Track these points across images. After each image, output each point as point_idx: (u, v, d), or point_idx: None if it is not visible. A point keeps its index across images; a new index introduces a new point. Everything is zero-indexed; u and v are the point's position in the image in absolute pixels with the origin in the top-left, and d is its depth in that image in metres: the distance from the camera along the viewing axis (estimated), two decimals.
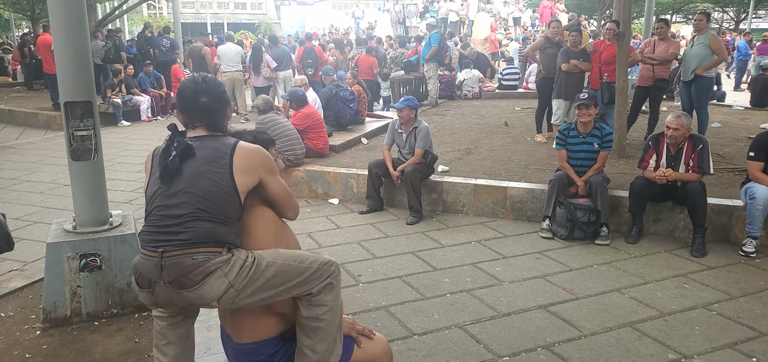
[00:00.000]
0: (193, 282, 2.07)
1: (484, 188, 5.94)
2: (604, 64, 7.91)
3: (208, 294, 2.08)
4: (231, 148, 2.21)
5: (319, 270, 2.23)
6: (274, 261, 2.17)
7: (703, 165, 4.95)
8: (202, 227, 2.09)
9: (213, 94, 2.32)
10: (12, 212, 5.87)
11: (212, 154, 2.19)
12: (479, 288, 4.22)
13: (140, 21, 31.57)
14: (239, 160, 2.20)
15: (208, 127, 2.29)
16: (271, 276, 2.14)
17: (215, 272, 2.07)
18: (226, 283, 2.08)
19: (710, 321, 3.73)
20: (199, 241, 2.08)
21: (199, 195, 2.12)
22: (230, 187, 2.15)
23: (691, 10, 26.24)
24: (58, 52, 3.42)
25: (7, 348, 3.27)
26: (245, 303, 2.16)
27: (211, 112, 2.30)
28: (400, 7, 25.24)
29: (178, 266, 2.06)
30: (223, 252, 2.11)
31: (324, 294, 2.24)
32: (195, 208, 2.11)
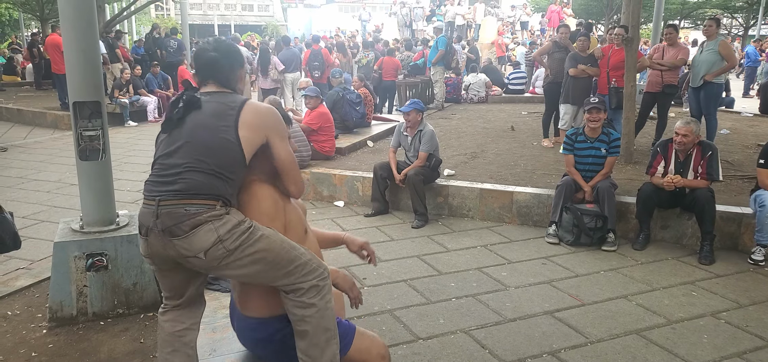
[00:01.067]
0: (183, 231, 2.09)
1: (490, 192, 5.92)
2: (612, 69, 7.88)
3: (196, 244, 2.09)
4: (240, 104, 2.21)
5: (308, 264, 2.22)
6: (269, 236, 2.17)
7: (712, 172, 4.92)
8: (197, 179, 2.12)
9: (222, 50, 2.33)
10: (19, 210, 5.89)
11: (219, 108, 2.21)
12: (485, 293, 4.20)
13: (148, 22, 31.73)
14: (247, 115, 2.20)
15: (218, 83, 2.30)
16: (262, 249, 2.14)
17: (206, 224, 2.08)
18: (216, 237, 2.08)
19: (718, 329, 3.70)
20: (193, 192, 2.11)
21: (198, 147, 2.15)
22: (233, 141, 2.16)
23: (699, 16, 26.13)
24: (68, 52, 3.43)
25: (14, 346, 3.27)
26: (234, 271, 2.16)
27: (219, 67, 2.31)
28: (407, 11, 25.23)
29: (171, 215, 2.10)
30: (217, 207, 2.11)
31: (311, 295, 2.21)
32: (193, 159, 2.14)
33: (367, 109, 9.56)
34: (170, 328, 2.42)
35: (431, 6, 26.14)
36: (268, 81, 12.35)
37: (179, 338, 2.42)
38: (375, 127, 9.81)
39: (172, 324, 2.42)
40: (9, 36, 26.87)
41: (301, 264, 2.20)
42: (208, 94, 2.27)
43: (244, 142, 2.17)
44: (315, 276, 2.23)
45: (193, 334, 2.47)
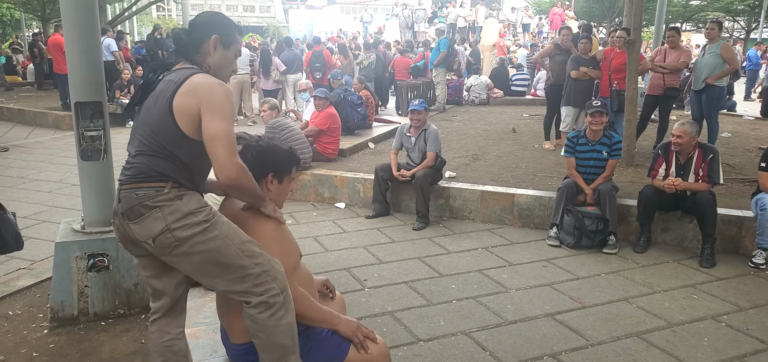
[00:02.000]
0: (135, 215, 2.10)
1: (491, 195, 5.92)
2: (613, 72, 7.88)
3: (145, 230, 2.09)
4: (185, 76, 2.12)
5: (260, 277, 2.12)
6: (225, 236, 2.11)
7: (713, 175, 4.91)
8: (143, 162, 2.13)
9: (192, 23, 2.29)
10: (20, 210, 5.89)
11: (165, 85, 2.16)
12: (486, 295, 4.20)
13: (149, 23, 31.77)
14: (185, 85, 2.10)
15: (186, 59, 2.25)
16: (214, 248, 2.09)
17: (154, 210, 2.08)
18: (164, 225, 2.07)
19: (719, 332, 3.70)
20: (139, 176, 2.12)
21: (143, 129, 2.15)
22: (167, 112, 2.09)
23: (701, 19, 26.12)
24: (69, 52, 3.44)
25: (15, 346, 3.28)
26: (183, 263, 2.14)
27: (184, 42, 2.25)
28: (409, 12, 25.25)
29: (127, 200, 2.13)
30: (166, 188, 2.10)
31: (259, 311, 2.12)
32: (139, 143, 2.16)
33: (368, 111, 9.57)
34: (158, 339, 2.37)
35: (433, 8, 26.18)
36: (269, 82, 12.36)
37: (168, 348, 2.37)
38: (376, 128, 9.82)
39: (160, 334, 2.38)
40: (10, 36, 26.89)
41: (253, 275, 2.11)
42: (171, 72, 2.21)
43: (176, 110, 2.09)
44: (266, 292, 2.12)
45: (181, 343, 2.40)
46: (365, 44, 15.01)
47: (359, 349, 2.27)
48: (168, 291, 2.34)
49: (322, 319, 2.29)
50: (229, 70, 2.33)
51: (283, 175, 2.35)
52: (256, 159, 2.29)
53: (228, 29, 2.29)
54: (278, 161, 2.34)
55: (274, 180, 2.33)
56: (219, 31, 2.25)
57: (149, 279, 2.33)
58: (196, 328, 3.22)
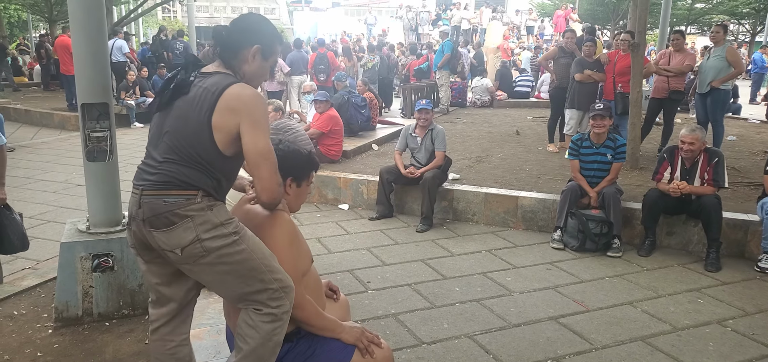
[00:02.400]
0: (163, 224, 2.05)
1: (495, 197, 5.92)
2: (618, 75, 7.86)
3: (173, 239, 2.04)
4: (223, 86, 2.06)
5: (277, 292, 2.12)
6: (250, 249, 2.09)
7: (718, 178, 4.90)
8: (174, 169, 2.07)
9: (236, 25, 2.21)
10: (26, 211, 5.92)
11: (202, 92, 2.08)
12: (489, 298, 4.20)
13: (155, 24, 31.88)
14: (226, 97, 2.04)
15: (223, 62, 2.18)
16: (241, 260, 2.07)
17: (185, 220, 2.03)
18: (194, 235, 2.03)
19: (724, 337, 3.68)
20: (170, 184, 2.06)
21: (176, 136, 2.09)
22: (205, 126, 2.04)
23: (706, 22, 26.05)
24: (77, 54, 3.45)
25: (20, 345, 3.29)
26: (206, 273, 2.10)
27: (225, 44, 2.17)
28: (413, 15, 25.28)
29: (151, 206, 2.06)
30: (197, 197, 2.05)
31: (264, 320, 2.12)
32: (171, 149, 2.09)
33: (372, 113, 9.58)
34: (162, 347, 2.34)
35: (437, 10, 26.20)
36: (274, 83, 12.37)
37: (172, 355, 2.33)
38: (380, 130, 9.83)
39: (163, 342, 2.34)
40: (17, 37, 27.01)
41: (270, 289, 2.11)
42: (205, 74, 2.14)
43: (216, 126, 2.04)
44: (279, 307, 2.13)
45: (186, 349, 2.38)
46: (369, 46, 15.02)
47: (364, 354, 2.27)
48: (177, 298, 2.31)
49: (326, 327, 2.28)
50: (260, 81, 2.29)
51: (302, 179, 2.36)
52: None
53: (271, 39, 2.24)
54: (298, 165, 2.34)
55: (293, 183, 2.33)
56: (262, 41, 2.20)
57: (158, 285, 2.28)
58: (199, 330, 3.23)
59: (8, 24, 25.99)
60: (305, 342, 2.27)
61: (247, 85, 2.11)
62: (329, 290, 2.67)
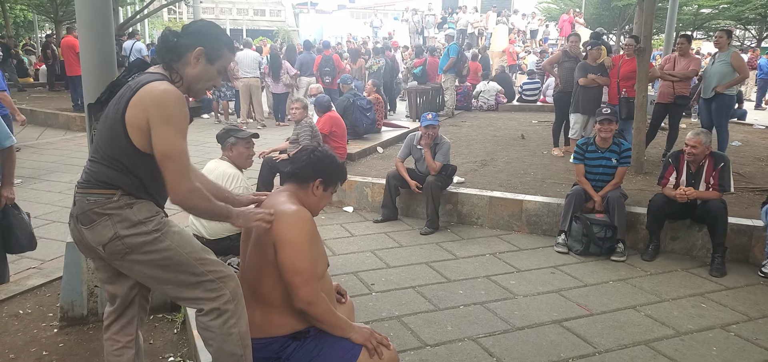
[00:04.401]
0: (87, 221, 2.09)
1: (499, 201, 5.92)
2: (622, 80, 7.86)
3: (95, 237, 2.09)
4: (142, 83, 2.03)
5: (213, 283, 2.12)
6: (178, 244, 2.10)
7: (723, 183, 4.89)
8: (94, 169, 2.12)
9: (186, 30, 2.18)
10: (31, 210, 5.93)
11: (125, 90, 2.07)
12: (493, 301, 4.20)
13: (161, 25, 32.00)
14: (139, 95, 2.01)
15: (162, 64, 2.15)
16: (166, 257, 2.09)
17: (104, 217, 2.07)
18: (113, 232, 2.06)
19: (728, 342, 3.68)
20: (91, 183, 2.11)
21: (99, 135, 2.14)
22: (119, 124, 2.03)
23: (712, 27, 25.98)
24: (84, 54, 3.47)
25: (25, 344, 3.31)
26: (135, 270, 2.13)
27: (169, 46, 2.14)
28: (419, 18, 25.30)
29: (80, 203, 2.13)
30: (115, 196, 2.07)
31: (211, 318, 2.12)
32: (95, 148, 2.14)
33: (377, 116, 9.59)
34: (109, 347, 2.38)
35: (443, 13, 26.21)
36: (279, 86, 12.41)
37: (117, 357, 2.36)
38: (385, 133, 9.84)
39: (110, 342, 2.38)
40: (23, 37, 27.14)
41: (205, 282, 2.11)
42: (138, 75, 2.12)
43: (128, 122, 2.01)
44: (218, 298, 2.12)
45: (129, 353, 2.38)
46: (375, 49, 15.03)
47: (373, 355, 2.28)
48: (120, 294, 2.35)
49: (337, 325, 2.30)
50: (206, 85, 2.24)
51: (329, 185, 2.41)
52: (311, 162, 2.36)
53: (216, 44, 2.18)
54: (330, 170, 2.40)
55: (319, 186, 2.38)
56: (206, 44, 2.16)
57: (104, 283, 2.35)
58: None
59: (14, 24, 26.11)
60: (313, 341, 2.29)
61: (165, 84, 2.04)
62: (337, 293, 2.68)
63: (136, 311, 2.41)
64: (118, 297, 2.35)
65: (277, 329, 2.29)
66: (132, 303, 2.38)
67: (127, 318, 2.39)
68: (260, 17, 53.00)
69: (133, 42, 13.94)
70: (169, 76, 2.13)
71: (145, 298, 2.45)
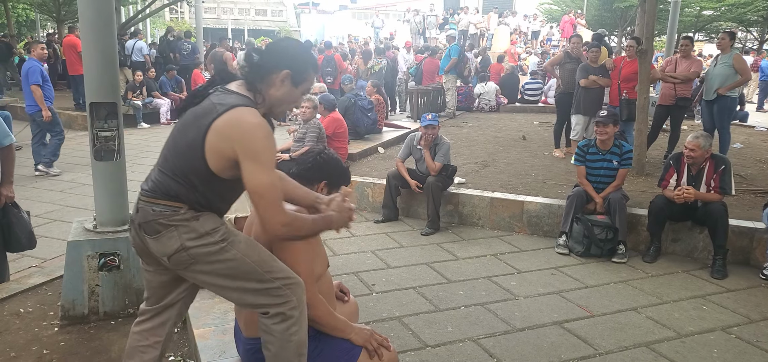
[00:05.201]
0: (152, 231, 2.07)
1: (500, 202, 5.92)
2: (623, 81, 7.86)
3: (160, 247, 2.07)
4: (228, 106, 1.98)
5: (280, 289, 2.10)
6: (243, 253, 2.08)
7: (724, 185, 4.88)
8: (161, 180, 2.08)
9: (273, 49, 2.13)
10: (32, 209, 5.94)
11: (207, 107, 2.02)
12: (494, 302, 4.20)
13: (162, 25, 32.00)
14: (224, 119, 1.96)
15: (246, 83, 2.10)
16: (231, 267, 2.07)
17: (170, 228, 2.04)
18: (179, 244, 2.04)
19: (729, 344, 3.68)
20: (157, 193, 2.07)
21: (171, 149, 2.10)
22: (198, 145, 1.98)
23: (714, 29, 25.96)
24: (86, 53, 3.48)
25: (26, 343, 3.31)
26: (201, 279, 2.12)
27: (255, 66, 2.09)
28: (420, 18, 25.29)
29: (143, 212, 2.10)
30: (182, 210, 2.04)
31: (275, 321, 2.11)
32: (164, 159, 2.11)
33: (378, 116, 9.59)
34: (135, 341, 2.36)
35: (445, 14, 26.19)
36: None
37: (141, 354, 2.34)
38: (386, 133, 9.84)
39: (139, 337, 2.35)
40: (25, 36, 27.15)
41: (271, 289, 2.10)
42: (224, 90, 2.08)
43: (209, 146, 1.97)
44: (284, 303, 2.11)
45: (154, 353, 2.35)
46: (376, 49, 15.03)
47: (373, 356, 2.29)
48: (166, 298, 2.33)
49: (336, 327, 2.30)
50: (289, 107, 2.21)
51: (333, 188, 2.48)
52: (317, 164, 2.46)
53: (303, 66, 2.13)
54: (335, 174, 2.50)
55: (325, 188, 2.47)
56: (293, 66, 2.09)
57: (152, 285, 2.32)
58: (205, 329, 3.24)
59: (16, 23, 26.12)
60: (312, 342, 2.29)
61: (253, 114, 1.99)
62: (340, 291, 2.69)
63: (173, 315, 2.38)
64: (162, 299, 2.33)
65: None
66: (172, 307, 2.36)
67: (163, 319, 2.36)
68: (262, 17, 53.03)
69: (135, 41, 13.96)
70: (252, 96, 2.07)
71: (186, 306, 2.44)
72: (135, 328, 2.38)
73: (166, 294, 2.33)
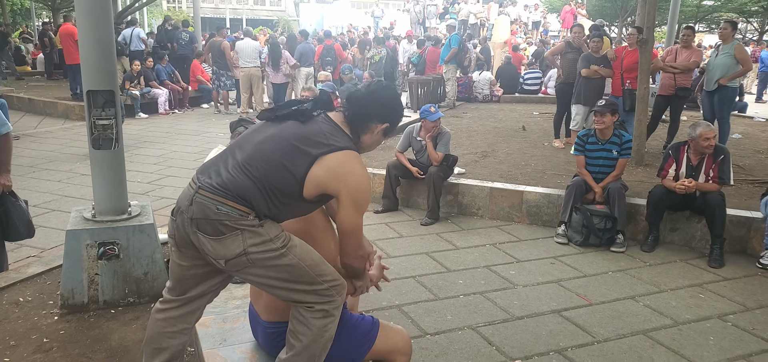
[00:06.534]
0: (212, 231, 2.01)
1: (500, 191, 5.92)
2: (625, 71, 7.84)
3: (220, 249, 2.02)
4: (337, 146, 2.06)
5: (328, 290, 2.15)
6: (297, 260, 2.09)
7: (723, 175, 4.89)
8: (239, 182, 2.02)
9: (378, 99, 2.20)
10: (30, 199, 5.94)
11: (316, 135, 2.06)
12: (493, 290, 4.21)
13: (160, 14, 31.85)
14: (337, 161, 2.05)
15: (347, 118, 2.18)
16: (285, 272, 2.08)
17: (235, 232, 2.00)
18: (241, 249, 2.01)
19: (725, 332, 3.69)
20: (229, 194, 2.00)
21: (260, 156, 2.05)
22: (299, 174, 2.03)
23: (714, 20, 25.88)
24: (82, 41, 3.46)
25: (26, 332, 3.31)
26: (251, 278, 2.12)
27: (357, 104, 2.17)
28: (420, 8, 25.18)
29: (202, 208, 2.01)
30: (250, 216, 2.01)
31: (316, 316, 2.15)
32: (247, 163, 2.05)
33: None
34: (160, 328, 2.31)
35: (445, 4, 26.09)
36: (279, 75, 12.38)
37: (169, 339, 2.31)
38: None
39: (164, 323, 2.30)
40: (20, 25, 27.03)
41: (321, 290, 2.14)
42: (329, 119, 2.14)
43: (311, 177, 2.03)
44: (329, 302, 2.16)
45: (183, 339, 2.34)
46: (376, 38, 14.98)
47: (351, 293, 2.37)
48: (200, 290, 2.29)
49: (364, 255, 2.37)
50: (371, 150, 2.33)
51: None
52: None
53: (398, 120, 2.28)
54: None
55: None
56: (392, 121, 2.24)
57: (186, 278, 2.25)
58: (206, 317, 3.23)
59: (11, 12, 26.01)
60: None
61: (360, 159, 2.13)
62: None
63: (204, 304, 2.38)
64: (189, 290, 2.28)
65: None
66: (203, 297, 2.34)
67: (192, 308, 2.33)
68: (260, 6, 52.80)
69: (132, 29, 13.89)
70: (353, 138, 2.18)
71: (216, 294, 2.41)
72: (158, 316, 2.33)
73: (195, 286, 2.28)
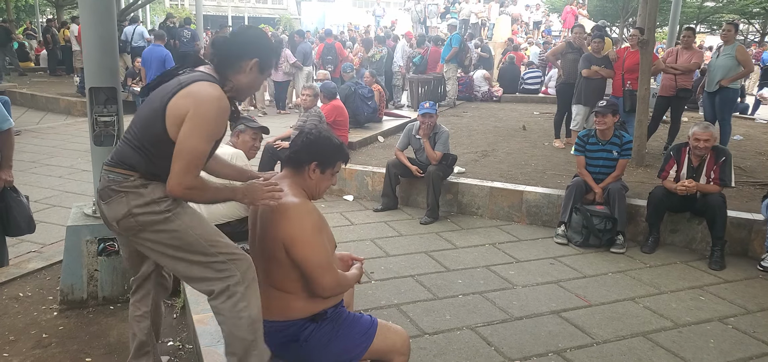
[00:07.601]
0: (105, 196, 2.19)
1: (500, 191, 5.92)
2: (626, 72, 7.83)
3: (110, 212, 2.17)
4: (191, 80, 2.10)
5: (223, 264, 2.15)
6: (185, 227, 2.15)
7: (724, 177, 4.88)
8: (121, 149, 2.21)
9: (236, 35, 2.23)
10: (31, 195, 5.92)
11: (173, 84, 2.13)
12: (492, 290, 4.21)
13: (162, 11, 31.84)
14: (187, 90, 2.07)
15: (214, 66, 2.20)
16: (174, 238, 2.14)
17: (119, 194, 2.14)
18: (126, 209, 2.14)
19: (725, 334, 3.69)
20: (114, 161, 2.20)
21: (138, 118, 2.20)
22: (159, 113, 2.09)
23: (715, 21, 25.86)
24: (86, 37, 3.46)
25: (25, 327, 3.32)
26: (147, 248, 2.21)
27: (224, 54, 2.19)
28: (421, 7, 25.16)
29: (102, 180, 2.23)
30: (131, 178, 2.15)
31: (220, 301, 2.15)
32: (129, 129, 2.21)
33: (378, 105, 9.57)
34: (132, 311, 2.57)
35: (446, 3, 26.05)
36: (279, 73, 12.38)
37: (137, 323, 2.55)
38: (386, 122, 9.83)
39: (133, 307, 2.57)
40: (24, 21, 27.03)
41: (215, 263, 2.14)
42: (192, 71, 2.19)
43: (169, 113, 2.07)
44: (227, 278, 2.15)
45: (145, 323, 2.55)
46: (377, 37, 14.96)
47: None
48: (137, 268, 2.53)
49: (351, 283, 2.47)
50: (252, 92, 2.35)
51: (326, 167, 2.36)
52: (305, 145, 2.33)
53: (269, 55, 2.27)
54: (325, 152, 2.34)
55: (316, 169, 2.33)
56: (261, 55, 2.22)
57: (124, 257, 2.56)
58: (203, 315, 3.24)
59: (15, 8, 25.99)
60: (329, 323, 2.33)
61: (216, 89, 2.09)
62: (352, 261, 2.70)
63: (151, 287, 2.56)
64: (138, 269, 2.52)
65: (294, 313, 2.31)
66: (148, 279, 2.55)
67: (145, 291, 2.56)
68: (262, 5, 52.76)
69: (135, 27, 13.89)
70: (219, 79, 2.17)
71: (161, 276, 2.59)
72: (131, 299, 2.61)
73: (139, 264, 2.51)
